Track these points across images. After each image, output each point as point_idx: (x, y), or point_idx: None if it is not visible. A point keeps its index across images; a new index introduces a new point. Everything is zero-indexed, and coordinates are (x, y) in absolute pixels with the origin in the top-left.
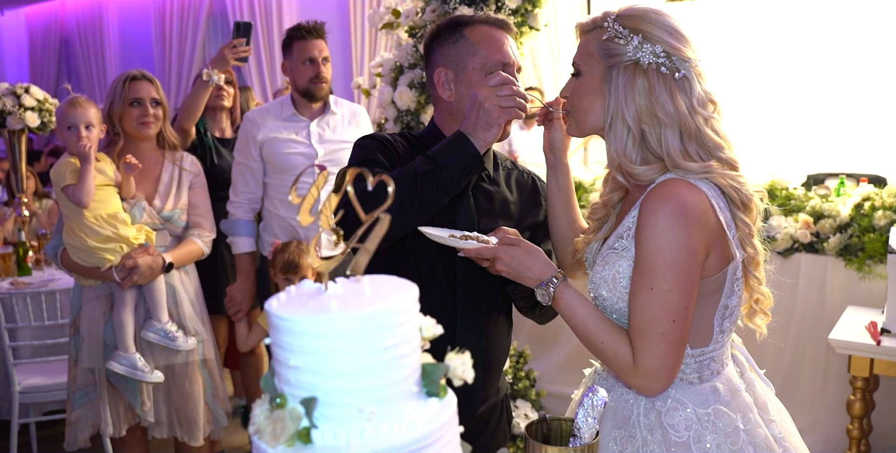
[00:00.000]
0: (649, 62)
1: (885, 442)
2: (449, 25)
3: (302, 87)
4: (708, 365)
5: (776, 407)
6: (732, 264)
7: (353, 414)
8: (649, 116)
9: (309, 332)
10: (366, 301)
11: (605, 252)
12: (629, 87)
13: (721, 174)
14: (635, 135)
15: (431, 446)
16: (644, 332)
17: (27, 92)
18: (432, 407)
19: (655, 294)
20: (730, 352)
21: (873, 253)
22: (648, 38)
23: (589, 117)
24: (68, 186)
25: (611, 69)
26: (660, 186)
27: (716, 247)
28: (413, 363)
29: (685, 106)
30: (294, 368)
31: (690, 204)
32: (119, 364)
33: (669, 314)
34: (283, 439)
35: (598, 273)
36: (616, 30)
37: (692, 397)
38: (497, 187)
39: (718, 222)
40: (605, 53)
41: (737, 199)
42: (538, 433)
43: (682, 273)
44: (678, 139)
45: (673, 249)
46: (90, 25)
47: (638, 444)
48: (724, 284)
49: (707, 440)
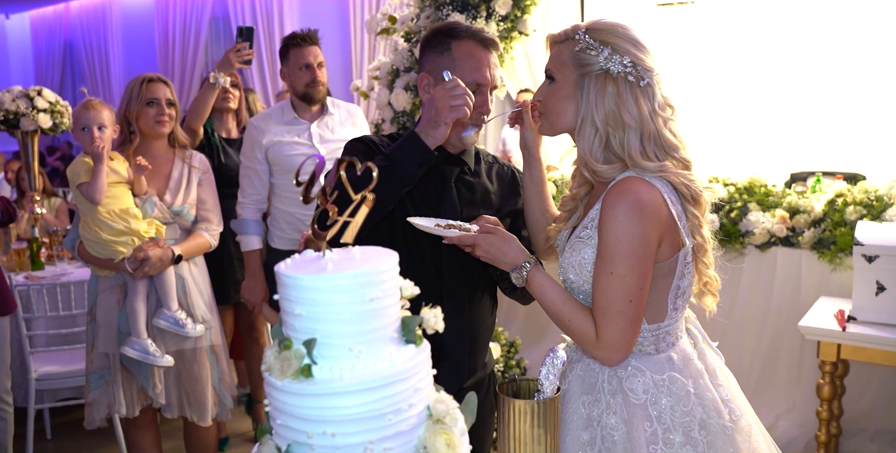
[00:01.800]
0: (618, 71)
1: (856, 424)
2: (440, 33)
3: (300, 91)
4: (664, 338)
5: (724, 374)
6: (683, 250)
7: (345, 353)
8: (616, 120)
9: (310, 287)
10: (355, 263)
11: (573, 240)
12: (600, 93)
13: (674, 173)
14: (602, 136)
15: (408, 380)
16: (605, 311)
17: (40, 94)
18: (409, 350)
19: (615, 278)
20: (684, 327)
21: (844, 246)
22: (617, 50)
23: (561, 119)
24: (83, 184)
25: (583, 77)
26: (619, 184)
27: (668, 236)
28: (394, 314)
29: (647, 110)
30: (298, 316)
31: (645, 199)
32: (132, 349)
33: (627, 295)
34: (289, 373)
35: (567, 259)
36: (588, 42)
37: (650, 365)
38: (478, 179)
39: (670, 214)
40: (578, 63)
41: (687, 194)
42: (509, 390)
43: (637, 260)
44: (639, 140)
45: (630, 239)
46: (94, 29)
47: (602, 407)
48: (676, 268)
49: (662, 402)
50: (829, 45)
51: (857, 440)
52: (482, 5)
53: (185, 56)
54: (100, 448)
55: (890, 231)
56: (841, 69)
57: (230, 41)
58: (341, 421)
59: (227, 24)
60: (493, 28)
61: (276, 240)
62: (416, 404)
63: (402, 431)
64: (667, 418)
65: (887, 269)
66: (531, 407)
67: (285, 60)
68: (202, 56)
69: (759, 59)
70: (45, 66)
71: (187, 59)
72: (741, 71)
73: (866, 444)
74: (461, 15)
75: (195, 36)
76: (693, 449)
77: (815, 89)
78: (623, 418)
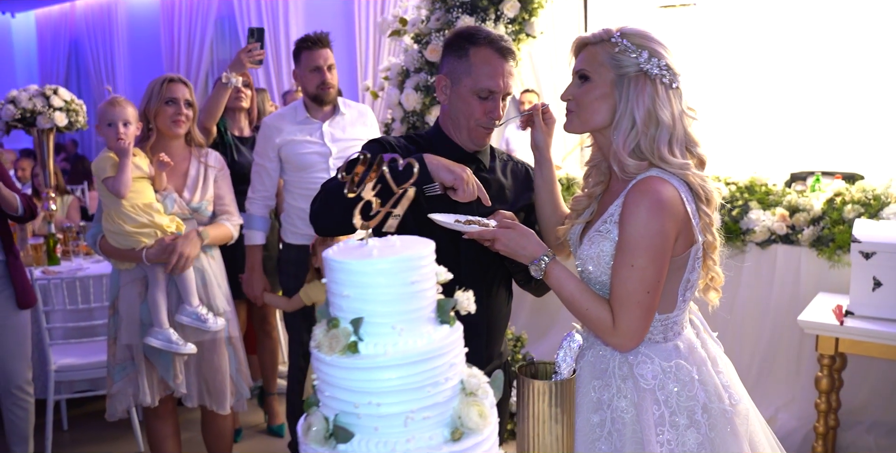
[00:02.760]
0: (655, 73)
1: (853, 416)
2: (460, 38)
3: (311, 92)
4: (671, 328)
5: (724, 362)
6: (695, 247)
7: (388, 331)
8: (652, 118)
9: (357, 271)
10: (397, 250)
11: (592, 234)
12: (640, 93)
13: (693, 173)
14: (636, 133)
15: (444, 356)
16: (624, 300)
17: (56, 93)
18: (445, 329)
19: (635, 270)
20: (688, 318)
21: (843, 243)
22: (654, 54)
23: (596, 116)
24: (108, 178)
25: (621, 77)
26: (642, 182)
27: (683, 233)
28: (431, 296)
29: (678, 110)
30: (346, 297)
31: (665, 197)
32: (156, 339)
33: (645, 286)
34: (337, 350)
35: (585, 251)
36: (626, 45)
37: (658, 352)
38: (493, 175)
39: (686, 212)
40: (617, 64)
41: (702, 195)
42: (528, 372)
43: (657, 253)
44: (668, 137)
45: (651, 235)
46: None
47: (613, 391)
48: (688, 262)
49: (669, 387)
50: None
51: (855, 432)
52: (491, 8)
53: (190, 55)
54: (115, 439)
55: (887, 229)
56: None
57: (235, 41)
58: (385, 392)
59: (233, 23)
60: (502, 30)
61: (288, 236)
62: (451, 378)
63: (439, 402)
64: (673, 402)
65: (884, 266)
66: (549, 387)
67: (297, 62)
68: (207, 56)
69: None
70: (50, 65)
71: (192, 58)
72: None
73: (863, 436)
74: (470, 17)
75: (201, 35)
76: (696, 431)
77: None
78: (633, 401)
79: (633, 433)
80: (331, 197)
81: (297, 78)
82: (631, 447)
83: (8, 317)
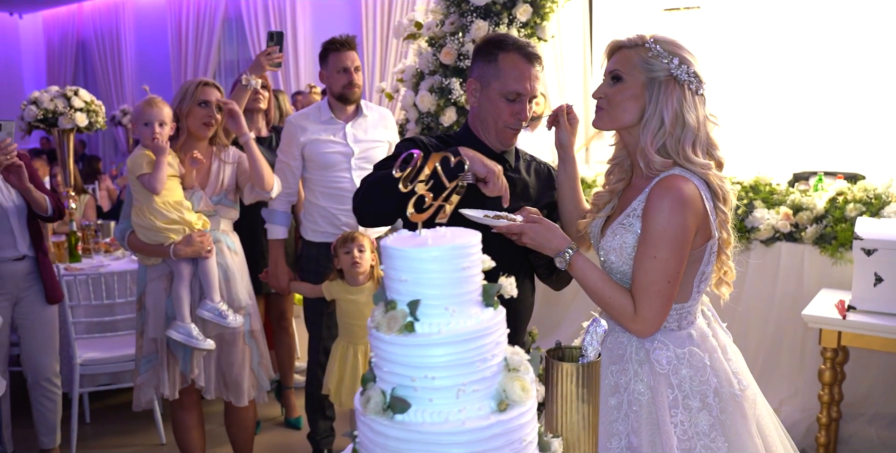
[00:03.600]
0: (684, 79)
1: (855, 408)
2: (490, 44)
3: (337, 92)
4: (685, 317)
5: (733, 350)
6: (711, 241)
7: (441, 312)
8: (679, 120)
9: (415, 258)
10: (448, 239)
11: (615, 226)
12: (669, 96)
13: (714, 174)
14: (664, 132)
15: (490, 335)
16: (646, 289)
17: (76, 94)
18: (490, 311)
19: (658, 261)
20: (700, 308)
21: (845, 241)
22: (684, 61)
23: (625, 115)
24: (143, 175)
25: (652, 80)
26: (665, 179)
27: (701, 228)
28: (478, 281)
29: (703, 115)
30: (403, 282)
31: (687, 194)
32: (177, 332)
33: (666, 276)
34: (395, 329)
35: (608, 242)
36: (659, 50)
37: (673, 340)
38: (518, 175)
39: (705, 209)
40: (649, 67)
41: (720, 194)
42: (556, 356)
43: (678, 246)
44: (692, 139)
45: (673, 228)
46: (107, 29)
47: (630, 375)
48: (704, 256)
49: (682, 372)
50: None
51: (857, 423)
52: (504, 12)
53: (197, 56)
54: (137, 431)
55: (888, 226)
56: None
57: (243, 41)
58: (439, 367)
59: (240, 23)
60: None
61: (309, 233)
62: (497, 355)
63: (486, 377)
64: (686, 386)
65: (885, 262)
66: (576, 369)
67: (324, 63)
68: (215, 55)
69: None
70: (58, 66)
71: (200, 59)
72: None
73: (864, 427)
74: (484, 22)
75: (208, 35)
76: (708, 414)
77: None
78: (649, 385)
79: (648, 414)
80: (373, 188)
81: (323, 79)
82: (647, 427)
83: (38, 311)
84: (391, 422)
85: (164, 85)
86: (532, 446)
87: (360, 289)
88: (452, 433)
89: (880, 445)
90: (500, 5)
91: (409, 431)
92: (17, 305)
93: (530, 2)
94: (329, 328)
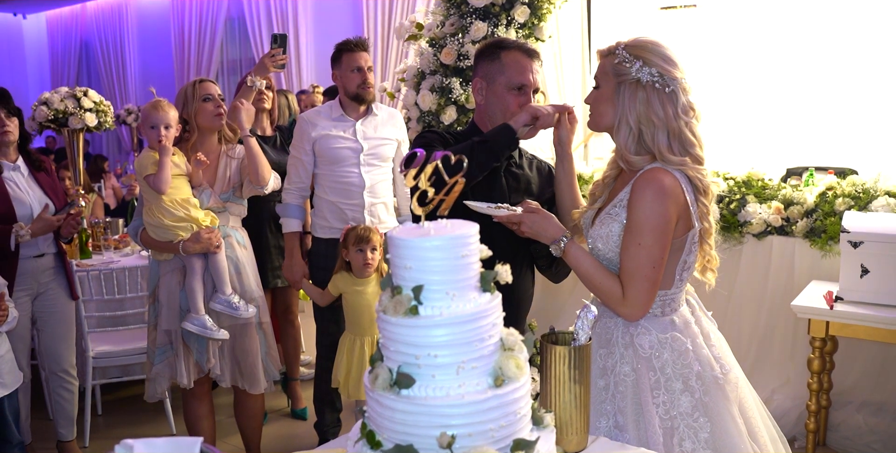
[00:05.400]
0: (647, 80)
1: (844, 397)
2: (492, 46)
3: (352, 91)
4: (668, 304)
5: (716, 336)
6: (692, 231)
7: (442, 296)
8: (646, 120)
9: (418, 247)
10: (449, 230)
11: (602, 216)
12: (632, 98)
13: (691, 167)
14: (635, 133)
15: (487, 317)
16: (633, 274)
17: (86, 95)
18: (486, 296)
19: (643, 248)
20: (684, 297)
21: (834, 234)
22: (647, 63)
23: (603, 119)
24: (149, 176)
25: (620, 84)
26: (647, 172)
27: (683, 218)
28: (476, 268)
29: (671, 112)
30: (408, 269)
31: (667, 185)
32: (192, 324)
33: (651, 262)
34: (401, 312)
35: (596, 231)
36: (624, 56)
37: (656, 325)
38: (522, 170)
39: (685, 200)
40: (616, 73)
41: (700, 187)
42: (549, 339)
43: (660, 233)
44: (666, 137)
45: (655, 216)
46: (110, 29)
47: (616, 358)
48: (685, 245)
49: (664, 356)
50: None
51: (845, 411)
52: (503, 14)
53: (200, 56)
54: (148, 422)
55: (874, 220)
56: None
57: (245, 41)
58: (441, 345)
59: (243, 23)
60: (512, 35)
61: (318, 230)
62: (493, 335)
63: (484, 355)
64: (669, 369)
65: (871, 254)
66: (569, 352)
67: (337, 64)
68: (218, 56)
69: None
70: (61, 66)
71: (203, 58)
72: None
73: (853, 415)
74: (483, 22)
75: (211, 36)
76: (691, 396)
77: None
78: (633, 367)
79: (633, 395)
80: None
81: (335, 79)
82: (632, 407)
83: (58, 305)
84: (397, 397)
85: (167, 84)
86: (526, 418)
87: (367, 280)
88: (453, 405)
89: (868, 431)
90: (499, 7)
91: (413, 405)
92: (37, 299)
93: (528, 3)
94: (337, 322)
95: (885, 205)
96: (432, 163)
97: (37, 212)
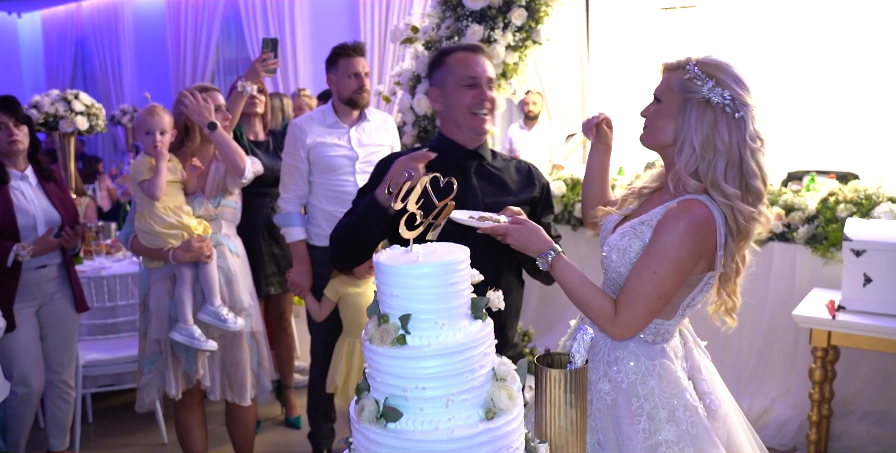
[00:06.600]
0: (717, 102)
1: (845, 406)
2: (437, 55)
3: (346, 96)
4: (662, 334)
5: (708, 369)
6: (710, 273)
7: (431, 325)
8: (709, 143)
9: (406, 274)
10: (438, 256)
11: (626, 228)
12: (700, 118)
13: (740, 206)
14: (697, 156)
15: (478, 347)
16: (636, 297)
17: (77, 98)
18: (477, 324)
19: (657, 276)
20: (678, 329)
21: (836, 241)
22: (720, 84)
23: (661, 134)
24: (144, 181)
25: (686, 102)
26: (688, 202)
27: (706, 258)
28: (467, 295)
29: (737, 139)
30: (395, 296)
31: (702, 222)
32: (180, 334)
33: (659, 292)
34: (388, 342)
35: (615, 241)
36: (696, 72)
37: (644, 351)
38: (497, 170)
39: (714, 242)
40: (684, 89)
41: (734, 229)
42: (545, 362)
43: (679, 268)
44: (724, 165)
45: (680, 250)
46: (105, 29)
47: (600, 374)
48: (699, 284)
49: (651, 383)
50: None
51: (847, 421)
52: (499, 16)
53: (196, 57)
54: (139, 432)
55: (877, 227)
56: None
57: (241, 42)
58: (430, 377)
59: (238, 25)
60: (510, 38)
61: (313, 238)
62: (485, 365)
63: (475, 386)
64: (656, 397)
65: (874, 263)
66: (564, 375)
67: (333, 68)
68: (213, 57)
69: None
70: (56, 66)
71: (198, 59)
72: None
73: (855, 425)
74: (479, 26)
75: (206, 37)
76: (676, 427)
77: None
78: (613, 386)
79: (612, 416)
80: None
81: (330, 83)
82: (612, 427)
83: (62, 315)
84: (384, 431)
85: (163, 84)
86: (519, 451)
87: (365, 281)
88: (442, 441)
89: (870, 441)
90: (495, 9)
91: (400, 439)
92: (41, 310)
93: (525, 6)
94: (330, 331)
95: (888, 212)
96: (420, 184)
97: (41, 223)
